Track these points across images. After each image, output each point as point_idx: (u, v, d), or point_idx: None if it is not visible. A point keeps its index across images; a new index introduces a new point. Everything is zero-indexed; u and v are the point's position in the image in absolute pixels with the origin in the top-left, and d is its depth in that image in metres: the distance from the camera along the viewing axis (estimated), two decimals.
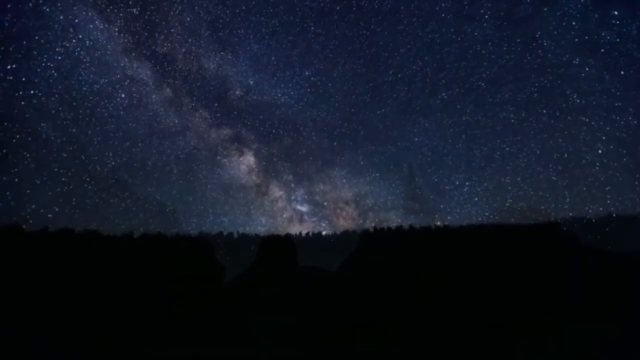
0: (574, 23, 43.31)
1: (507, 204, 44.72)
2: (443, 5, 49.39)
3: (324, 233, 46.65)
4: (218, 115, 52.92)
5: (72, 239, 11.44)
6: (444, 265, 9.23)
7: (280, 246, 14.27)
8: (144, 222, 42.98)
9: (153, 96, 48.81)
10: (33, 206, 36.23)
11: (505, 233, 12.18)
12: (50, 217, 36.88)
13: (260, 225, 47.40)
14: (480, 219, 44.47)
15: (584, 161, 41.12)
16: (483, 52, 48.51)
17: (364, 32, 54.53)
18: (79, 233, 11.85)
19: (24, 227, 11.38)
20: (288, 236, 16.73)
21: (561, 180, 43.02)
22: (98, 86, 44.65)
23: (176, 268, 9.46)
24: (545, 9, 44.36)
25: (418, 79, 53.23)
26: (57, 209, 37.69)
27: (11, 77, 37.12)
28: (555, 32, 44.72)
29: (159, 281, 8.51)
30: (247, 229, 46.51)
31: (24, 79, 38.51)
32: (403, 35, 53.00)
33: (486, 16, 47.17)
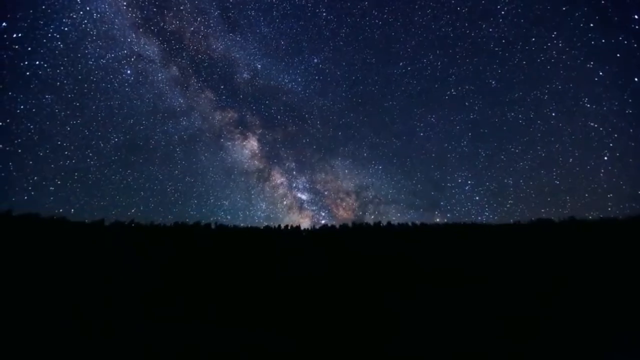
0: (592, 25, 42.24)
1: (507, 206, 44.64)
2: None
3: (322, 222, 47.02)
4: (223, 97, 52.29)
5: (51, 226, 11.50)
6: (445, 264, 9.28)
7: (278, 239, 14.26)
8: (144, 201, 43.14)
9: (159, 74, 48.14)
10: (35, 178, 36.38)
11: (507, 231, 12.29)
12: (52, 190, 37.08)
13: (260, 211, 47.48)
14: (479, 218, 44.41)
15: (588, 167, 40.78)
16: (496, 49, 47.44)
17: (377, 21, 53.20)
18: (67, 222, 11.95)
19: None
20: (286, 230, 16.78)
21: (563, 184, 42.79)
22: (104, 61, 43.98)
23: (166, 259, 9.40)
24: (564, 8, 43.16)
25: (428, 73, 52.24)
26: (59, 182, 37.82)
27: (17, 46, 36.61)
28: (572, 33, 43.70)
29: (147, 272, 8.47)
30: (247, 213, 46.54)
31: (29, 48, 37.96)
32: (416, 27, 51.71)
33: (502, 12, 45.92)
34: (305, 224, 46.60)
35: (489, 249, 10.67)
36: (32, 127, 37.58)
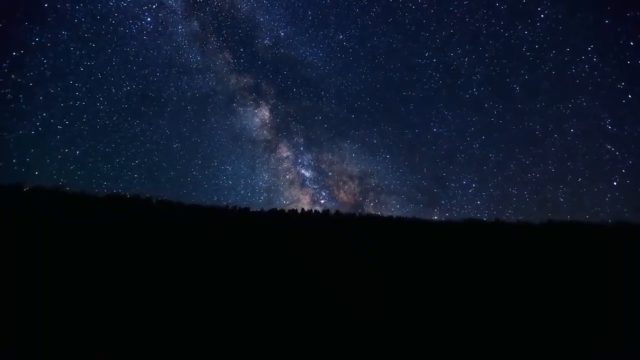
0: (631, 43, 40.29)
1: (507, 215, 44.62)
2: None
3: (322, 202, 47.28)
4: (241, 61, 50.93)
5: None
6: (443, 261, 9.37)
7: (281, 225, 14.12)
8: (148, 153, 43.18)
9: (179, 27, 46.66)
10: (44, 114, 36.28)
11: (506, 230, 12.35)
12: (59, 129, 37.04)
13: (262, 181, 47.54)
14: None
15: (595, 189, 40.34)
16: (527, 53, 45.48)
17: (410, 5, 50.70)
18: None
19: None
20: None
21: (567, 203, 42.53)
22: (125, 4, 42.44)
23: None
24: (607, 21, 41.05)
25: (453, 68, 50.45)
26: (67, 122, 37.71)
27: None
28: (608, 49, 41.79)
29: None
30: (249, 181, 46.71)
31: None
32: (450, 17, 49.37)
33: (542, 15, 43.62)
34: (305, 201, 46.94)
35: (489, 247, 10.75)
36: (45, 61, 37.03)
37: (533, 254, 10.55)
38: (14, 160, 33.46)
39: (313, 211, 16.73)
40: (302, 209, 17.34)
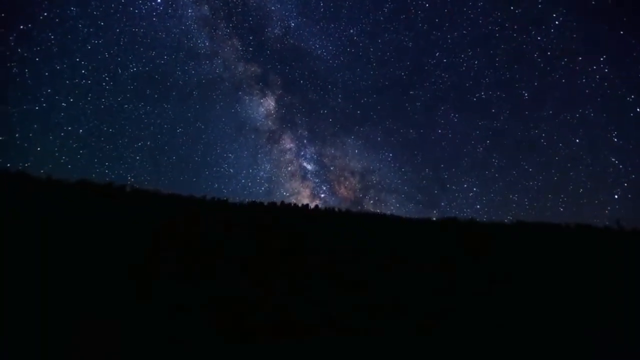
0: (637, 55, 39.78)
1: (505, 220, 44.61)
2: None
3: (322, 196, 47.32)
4: (250, 49, 50.48)
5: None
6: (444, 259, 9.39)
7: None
8: (151, 137, 43.08)
9: (190, 10, 46.15)
10: (49, 90, 36.13)
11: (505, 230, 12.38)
12: (64, 106, 36.92)
13: (264, 171, 47.50)
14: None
15: (596, 201, 40.24)
16: (538, 60, 44.93)
17: (423, 2, 50.06)
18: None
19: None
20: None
21: (567, 213, 42.47)
22: None
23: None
24: (622, 32, 40.37)
25: (462, 70, 49.93)
26: (71, 100, 37.53)
27: None
28: (621, 60, 41.21)
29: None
30: (250, 171, 46.71)
31: None
32: (463, 18, 48.70)
33: (557, 22, 42.96)
34: (305, 194, 47.00)
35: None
36: (52, 37, 36.74)
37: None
38: (16, 135, 33.46)
39: (298, 205, 16.68)
40: (293, 203, 17.34)
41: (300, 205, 16.55)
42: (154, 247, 7.88)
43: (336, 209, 16.54)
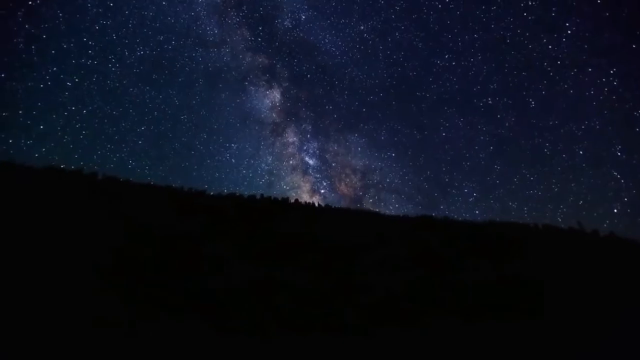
0: None
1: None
2: (530, 3, 44.05)
3: (322, 191, 47.37)
4: (259, 40, 49.99)
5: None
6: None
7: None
8: (155, 122, 42.96)
9: None
10: (54, 68, 35.88)
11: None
12: (69, 85, 36.71)
13: (265, 163, 47.36)
14: None
15: (595, 214, 40.25)
16: (548, 69, 44.53)
17: (436, 3, 49.48)
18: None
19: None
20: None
21: (565, 224, 42.42)
22: None
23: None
24: (634, 46, 39.94)
25: (471, 74, 49.51)
26: (76, 79, 37.31)
27: None
28: (629, 74, 40.91)
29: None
30: (252, 162, 46.61)
31: None
32: (475, 21, 48.13)
33: (569, 31, 42.51)
34: (305, 188, 47.01)
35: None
36: (61, 15, 36.39)
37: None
38: (20, 112, 33.37)
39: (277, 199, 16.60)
40: (279, 199, 17.30)
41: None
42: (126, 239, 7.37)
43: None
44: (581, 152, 42.98)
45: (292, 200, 16.52)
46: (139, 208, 9.61)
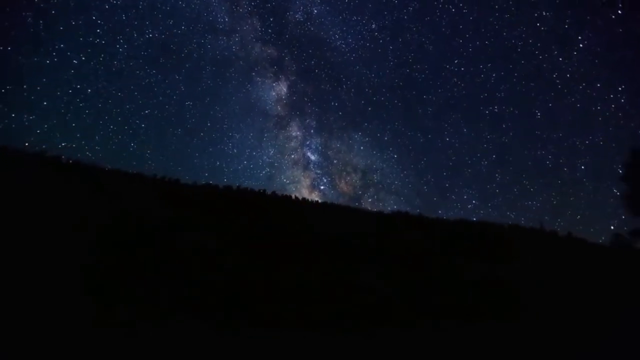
0: None
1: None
2: (545, 13, 43.74)
3: (321, 188, 47.32)
4: (269, 31, 49.69)
5: None
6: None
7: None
8: (159, 106, 42.75)
9: None
10: (62, 45, 35.60)
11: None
12: (75, 63, 36.42)
13: (267, 156, 47.27)
14: None
15: (592, 230, 40.30)
16: (557, 81, 44.35)
17: (450, 7, 49.16)
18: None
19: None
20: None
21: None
22: None
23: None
24: None
25: (479, 81, 49.34)
26: (83, 58, 36.99)
27: None
28: (639, 93, 40.95)
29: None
30: (254, 153, 46.50)
31: None
32: (487, 28, 47.87)
33: (581, 45, 42.26)
34: (305, 184, 47.00)
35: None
36: None
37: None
38: (24, 86, 33.14)
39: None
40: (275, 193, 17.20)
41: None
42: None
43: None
44: (582, 167, 42.97)
45: (293, 197, 16.54)
46: (138, 206, 9.50)
